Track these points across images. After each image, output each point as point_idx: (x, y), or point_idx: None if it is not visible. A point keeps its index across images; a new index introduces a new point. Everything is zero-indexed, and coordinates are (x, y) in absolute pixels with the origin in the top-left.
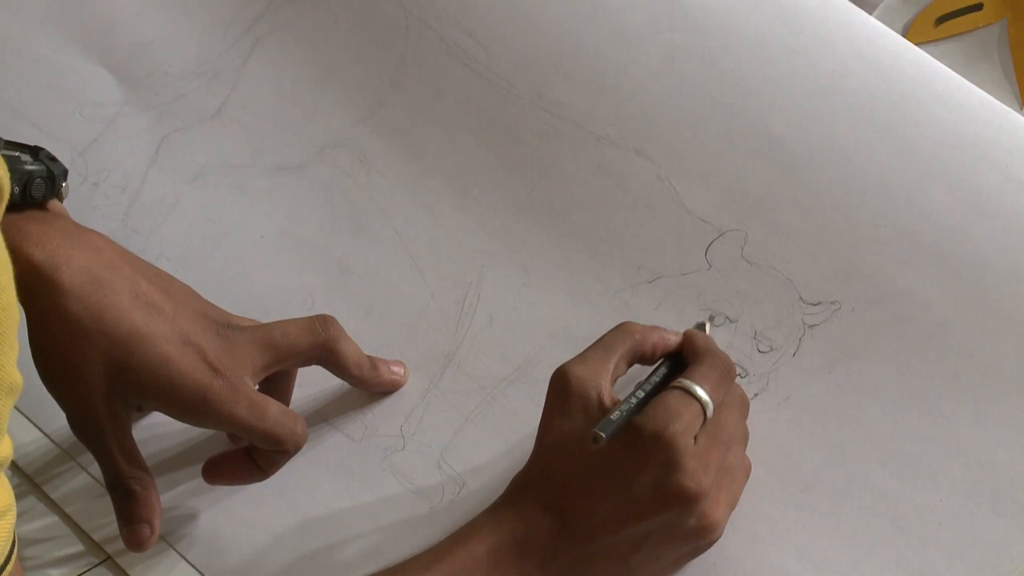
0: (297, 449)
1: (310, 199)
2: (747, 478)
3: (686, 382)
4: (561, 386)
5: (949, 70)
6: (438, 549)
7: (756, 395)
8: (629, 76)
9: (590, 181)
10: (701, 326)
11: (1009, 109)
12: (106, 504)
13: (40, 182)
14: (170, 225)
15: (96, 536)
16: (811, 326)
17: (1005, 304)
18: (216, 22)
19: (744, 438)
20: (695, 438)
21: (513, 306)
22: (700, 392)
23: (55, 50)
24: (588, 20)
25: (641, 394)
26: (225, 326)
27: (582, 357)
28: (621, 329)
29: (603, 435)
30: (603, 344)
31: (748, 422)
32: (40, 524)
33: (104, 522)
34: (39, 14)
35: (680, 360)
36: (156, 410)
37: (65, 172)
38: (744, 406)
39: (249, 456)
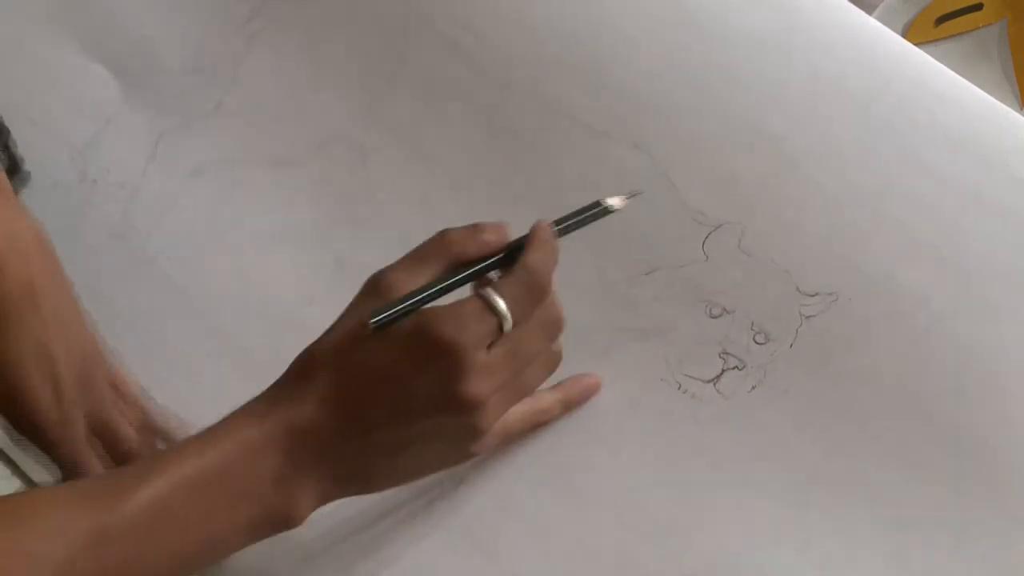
0: None
1: (309, 194)
2: (549, 408)
3: (487, 291)
4: (369, 287)
5: (949, 70)
6: (210, 432)
7: (754, 388)
8: (627, 71)
9: (588, 176)
10: (596, 206)
11: (1009, 109)
12: None
13: None
14: (169, 221)
15: None
16: (808, 317)
17: (1003, 299)
18: (213, 18)
19: (549, 361)
20: (489, 348)
21: None
22: (500, 304)
23: (53, 47)
24: (586, 15)
25: (428, 293)
26: (93, 353)
27: (397, 263)
28: (439, 239)
29: (371, 321)
30: (420, 254)
31: (747, 412)
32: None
33: None
34: (37, 12)
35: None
36: None
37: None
38: (553, 326)
39: None
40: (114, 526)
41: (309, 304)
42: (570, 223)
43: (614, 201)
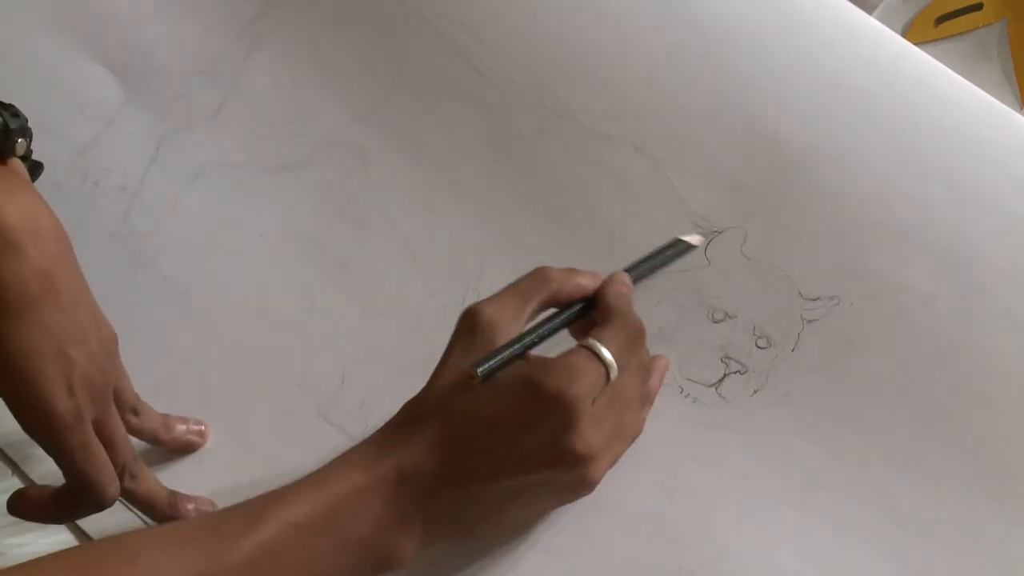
0: (101, 508)
1: (310, 197)
2: (634, 439)
3: (593, 342)
4: (468, 325)
5: (949, 70)
6: (320, 475)
7: (756, 392)
8: (629, 73)
9: (589, 178)
10: (676, 243)
11: (1009, 109)
12: None
13: None
14: (170, 224)
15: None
16: (810, 321)
17: (1004, 301)
18: (216, 21)
19: (642, 401)
20: (593, 399)
21: None
22: (606, 354)
23: (55, 49)
24: (588, 17)
25: (530, 339)
26: (106, 355)
27: (495, 299)
28: (538, 275)
29: (478, 372)
30: (518, 289)
31: (749, 416)
32: None
33: None
34: (39, 13)
35: (591, 306)
36: None
37: (24, 130)
38: (646, 371)
39: (53, 498)
40: (219, 574)
41: (310, 307)
42: (645, 267)
43: (692, 239)
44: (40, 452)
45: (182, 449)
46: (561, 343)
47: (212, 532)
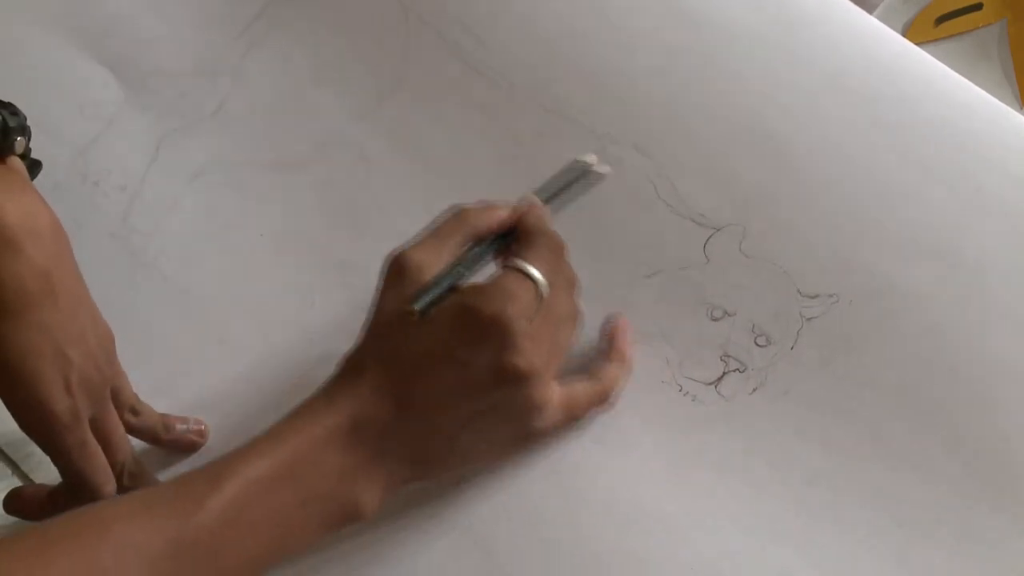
0: None
1: (310, 197)
2: (612, 383)
3: (521, 263)
4: (396, 269)
5: (949, 70)
6: (275, 433)
7: (755, 390)
8: (629, 73)
9: None
10: (579, 165)
11: (1009, 109)
12: None
13: None
14: (170, 224)
15: None
16: (809, 319)
17: (1004, 301)
18: (215, 20)
19: (573, 317)
20: (529, 318)
21: None
22: (535, 273)
23: (55, 49)
24: (588, 17)
25: (458, 270)
26: (104, 355)
27: (418, 243)
28: (455, 214)
29: (415, 308)
30: (439, 231)
31: (748, 414)
32: None
33: None
34: (39, 13)
35: (510, 234)
36: None
37: (24, 128)
38: (573, 284)
39: (51, 497)
40: (189, 536)
41: (310, 306)
42: (552, 190)
43: (591, 159)
44: (39, 451)
45: (182, 449)
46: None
47: (178, 496)
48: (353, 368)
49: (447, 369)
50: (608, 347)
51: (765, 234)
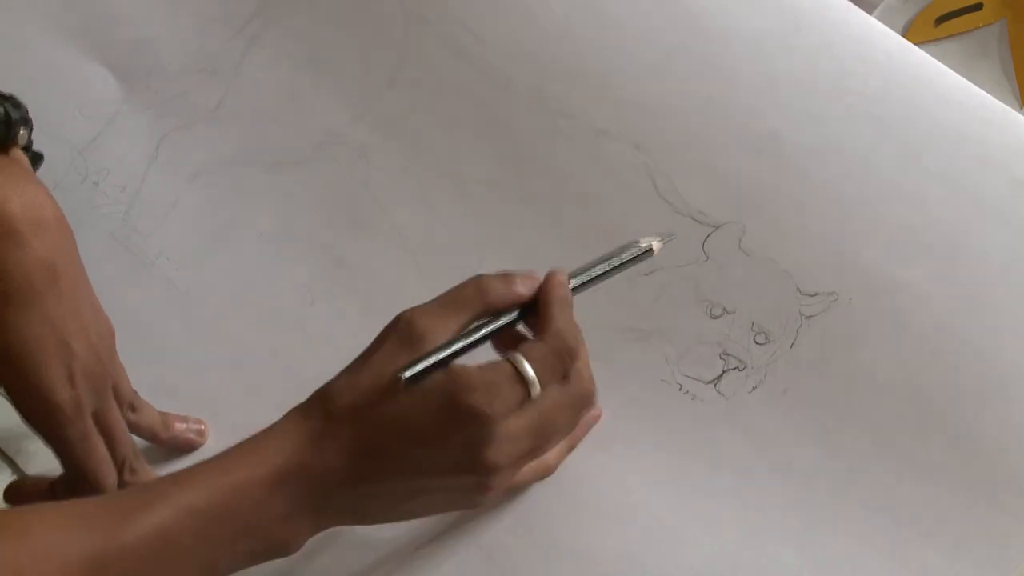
0: None
1: (309, 195)
2: (549, 472)
3: (518, 358)
4: (400, 330)
5: (949, 70)
6: (224, 461)
7: (754, 388)
8: (628, 71)
9: (588, 175)
10: (636, 247)
11: (1009, 109)
12: None
13: None
14: (170, 223)
15: None
16: (808, 317)
17: (1003, 298)
18: (214, 19)
19: (561, 427)
20: (511, 415)
21: None
22: (529, 372)
23: (54, 48)
24: (587, 15)
25: (459, 346)
26: (106, 349)
27: (430, 307)
28: (475, 285)
29: (403, 377)
30: (455, 299)
31: (748, 412)
32: None
33: None
34: (40, 13)
35: (529, 310)
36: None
37: (26, 120)
38: (581, 401)
39: (51, 489)
40: (112, 553)
41: (310, 305)
42: (596, 269)
43: (650, 242)
44: (35, 447)
45: (181, 448)
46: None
47: (108, 511)
48: (321, 411)
49: (415, 447)
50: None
51: (764, 232)
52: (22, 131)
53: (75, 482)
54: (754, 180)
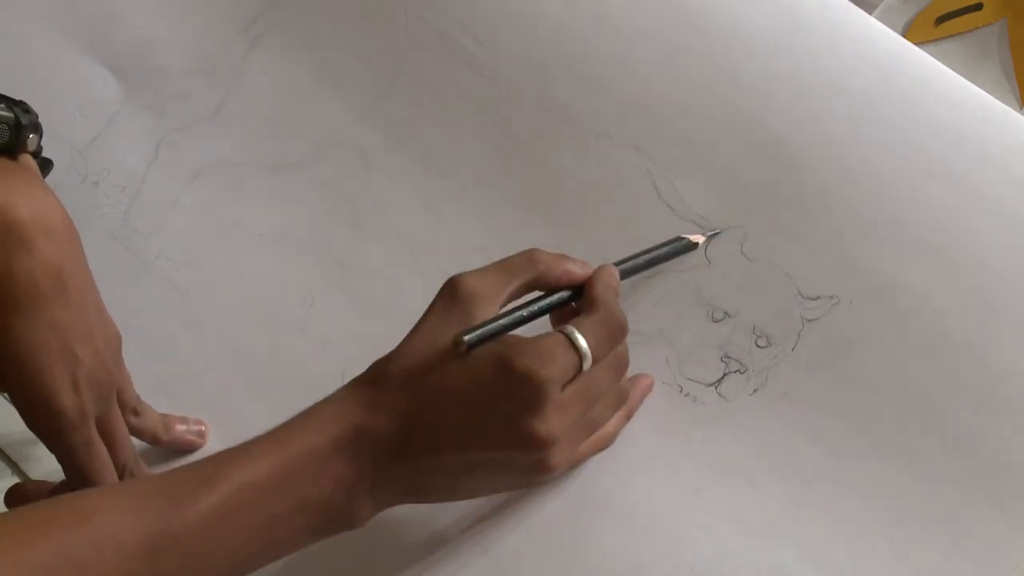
0: None
1: (309, 197)
2: (609, 441)
3: (571, 329)
4: (450, 293)
5: (949, 70)
6: (278, 434)
7: (755, 391)
8: (629, 74)
9: (589, 178)
10: (681, 240)
11: (1009, 109)
12: None
13: (4, 128)
14: (170, 224)
15: None
16: (810, 320)
17: (1004, 300)
18: (215, 20)
19: (617, 398)
20: (563, 386)
21: None
22: (582, 343)
23: (54, 48)
24: (588, 18)
25: (519, 315)
26: (112, 355)
27: (481, 271)
28: (528, 255)
29: (464, 340)
30: (506, 266)
31: (748, 415)
32: None
33: None
34: (39, 12)
35: (579, 294)
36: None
37: (36, 126)
38: (622, 366)
39: (52, 494)
40: (172, 535)
41: (310, 306)
42: (639, 262)
43: (695, 237)
44: (39, 452)
45: (182, 449)
46: (539, 329)
47: (167, 492)
48: (377, 381)
49: (468, 415)
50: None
51: (766, 236)
52: (31, 136)
53: (77, 488)
54: (756, 183)
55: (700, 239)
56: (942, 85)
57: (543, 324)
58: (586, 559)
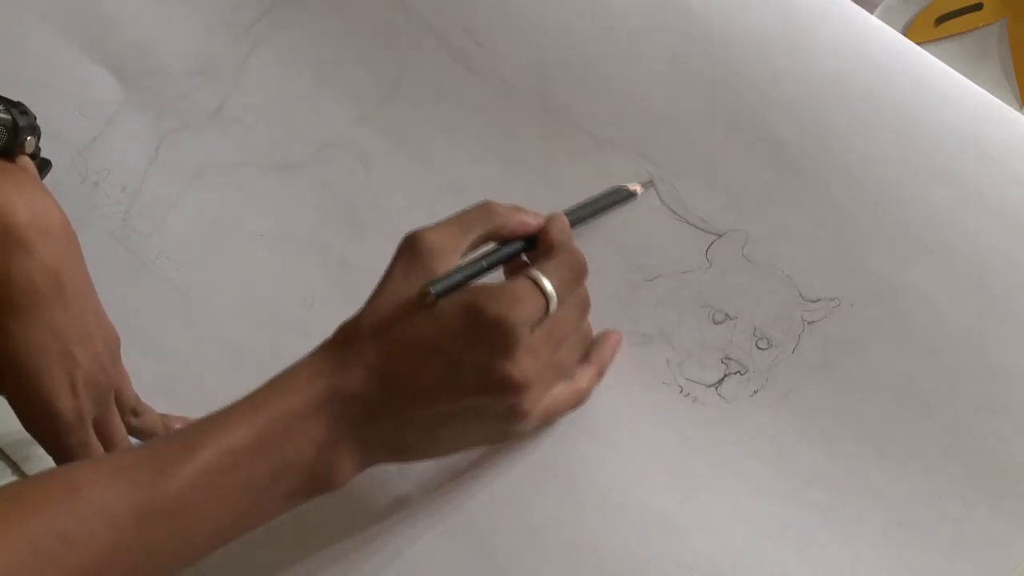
0: None
1: (310, 198)
2: (582, 397)
3: (536, 273)
4: (410, 248)
5: (950, 69)
6: (254, 399)
7: (756, 392)
8: (631, 78)
9: (591, 182)
10: (621, 189)
11: (1009, 109)
12: None
13: (1, 130)
14: (170, 224)
15: None
16: (810, 322)
17: (1005, 300)
18: (217, 21)
19: (582, 338)
20: (532, 329)
21: None
22: (547, 285)
23: (55, 48)
24: (590, 22)
25: (480, 265)
26: (110, 356)
27: (439, 226)
28: (483, 208)
29: (431, 291)
30: (461, 219)
31: (749, 416)
32: None
33: None
34: (39, 12)
35: (534, 243)
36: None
37: (34, 128)
38: (585, 306)
39: None
40: (158, 503)
41: (310, 307)
42: (585, 211)
43: (633, 186)
44: (39, 452)
45: None
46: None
47: (150, 462)
48: (346, 341)
49: (439, 362)
50: (591, 350)
51: (767, 238)
52: (29, 138)
53: None
54: (756, 186)
55: (638, 188)
56: (942, 85)
57: (496, 276)
58: (586, 559)
